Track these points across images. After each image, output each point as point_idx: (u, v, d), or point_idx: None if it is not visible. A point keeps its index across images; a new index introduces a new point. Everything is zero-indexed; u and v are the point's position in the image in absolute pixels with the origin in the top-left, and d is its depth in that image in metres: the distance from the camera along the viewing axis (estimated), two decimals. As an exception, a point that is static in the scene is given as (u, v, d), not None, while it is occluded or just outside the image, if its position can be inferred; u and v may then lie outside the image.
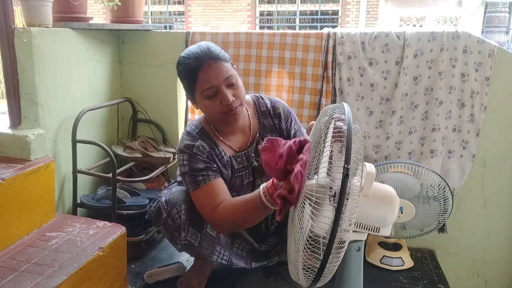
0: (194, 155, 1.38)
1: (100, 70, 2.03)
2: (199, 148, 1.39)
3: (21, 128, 1.62)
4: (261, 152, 1.05)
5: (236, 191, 1.48)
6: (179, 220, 1.39)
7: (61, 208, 1.82)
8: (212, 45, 1.37)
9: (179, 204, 1.40)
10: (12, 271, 1.26)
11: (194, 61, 1.33)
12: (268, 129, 1.52)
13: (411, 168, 1.59)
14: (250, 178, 1.50)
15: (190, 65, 1.33)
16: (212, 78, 1.32)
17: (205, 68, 1.31)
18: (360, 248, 1.24)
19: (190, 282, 1.57)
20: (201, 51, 1.34)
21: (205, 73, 1.31)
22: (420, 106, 1.85)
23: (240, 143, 1.49)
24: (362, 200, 1.14)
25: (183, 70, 1.36)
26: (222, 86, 1.32)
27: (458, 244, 2.01)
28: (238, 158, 1.47)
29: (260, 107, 1.53)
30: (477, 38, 1.78)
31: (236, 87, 1.36)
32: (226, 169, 1.45)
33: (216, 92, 1.33)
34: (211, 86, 1.32)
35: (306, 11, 11.57)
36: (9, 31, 1.55)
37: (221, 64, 1.33)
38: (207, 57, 1.32)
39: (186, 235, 1.37)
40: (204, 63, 1.32)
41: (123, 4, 1.97)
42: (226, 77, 1.33)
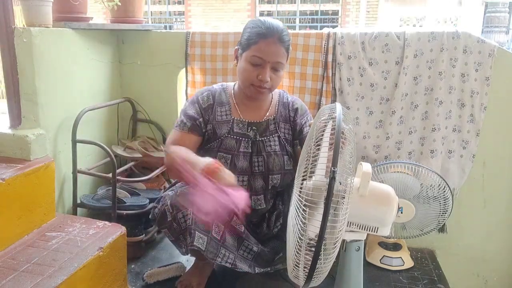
0: (195, 102, 1.53)
1: (100, 70, 2.03)
2: (204, 98, 1.54)
3: (21, 128, 1.62)
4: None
5: (231, 154, 1.52)
6: (184, 224, 1.39)
7: (61, 208, 1.82)
8: (287, 31, 1.45)
9: (185, 208, 1.40)
10: (12, 271, 1.26)
11: (265, 29, 1.40)
12: (283, 118, 1.60)
13: (411, 168, 1.59)
14: (248, 149, 1.53)
15: (260, 29, 1.40)
16: (268, 53, 1.40)
17: (269, 41, 1.39)
18: (360, 248, 1.24)
19: (190, 282, 1.57)
20: (277, 27, 1.41)
21: (266, 45, 1.39)
22: (420, 106, 1.85)
23: (250, 116, 1.56)
24: (359, 200, 1.15)
25: (250, 29, 1.43)
26: (269, 65, 1.41)
27: (458, 244, 2.01)
28: (240, 123, 1.55)
29: (283, 98, 1.63)
30: (477, 38, 1.78)
31: (277, 74, 1.45)
32: (223, 126, 1.53)
33: (260, 65, 1.41)
34: (262, 57, 1.40)
35: (306, 11, 11.58)
36: (9, 31, 1.55)
37: (282, 49, 1.41)
38: (277, 35, 1.40)
39: (192, 240, 1.37)
40: (271, 36, 1.39)
41: (123, 4, 1.97)
42: (277, 61, 1.41)
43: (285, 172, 1.56)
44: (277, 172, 1.55)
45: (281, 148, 1.56)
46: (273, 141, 1.55)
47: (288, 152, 1.58)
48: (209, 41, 2.01)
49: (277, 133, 1.57)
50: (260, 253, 1.53)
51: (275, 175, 1.55)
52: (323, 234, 0.94)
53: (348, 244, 1.23)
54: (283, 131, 1.58)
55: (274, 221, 1.64)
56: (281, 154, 1.55)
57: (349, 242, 1.23)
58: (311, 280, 1.01)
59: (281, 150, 1.56)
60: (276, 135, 1.56)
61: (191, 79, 2.06)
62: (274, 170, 1.54)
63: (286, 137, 1.58)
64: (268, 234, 1.63)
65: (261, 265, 1.52)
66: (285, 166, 1.56)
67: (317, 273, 1.01)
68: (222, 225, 1.45)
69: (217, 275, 1.67)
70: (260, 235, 1.62)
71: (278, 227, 1.64)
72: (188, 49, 2.04)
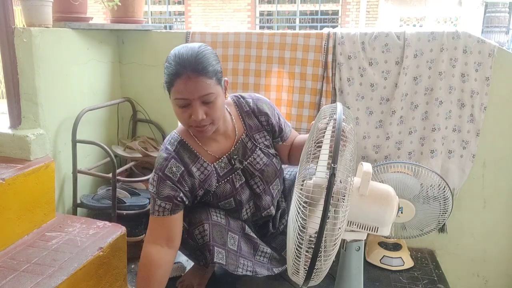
0: (164, 178, 1.33)
1: (100, 70, 2.03)
2: (172, 169, 1.33)
3: (21, 128, 1.62)
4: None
5: (232, 196, 1.45)
6: (201, 241, 1.38)
7: (61, 208, 1.82)
8: (203, 55, 1.25)
9: (201, 225, 1.38)
10: (12, 271, 1.26)
11: (176, 66, 1.24)
12: (254, 129, 1.47)
13: (411, 168, 1.59)
14: (242, 179, 1.46)
15: (171, 69, 1.25)
16: (188, 91, 1.23)
17: (184, 79, 1.22)
18: (360, 248, 1.24)
19: (190, 282, 1.57)
20: (188, 58, 1.24)
21: (182, 84, 1.23)
22: (420, 106, 1.85)
23: (223, 149, 1.44)
24: (359, 199, 1.15)
25: (166, 70, 1.28)
26: (196, 102, 1.25)
27: (458, 244, 2.01)
28: (221, 163, 1.43)
29: (243, 107, 1.47)
30: (477, 38, 1.78)
31: (212, 106, 1.27)
32: (211, 180, 1.40)
33: (188, 104, 1.26)
34: (184, 98, 1.24)
35: (306, 11, 11.57)
36: (9, 31, 1.55)
37: (202, 80, 1.23)
38: (190, 68, 1.22)
39: (212, 257, 1.36)
40: (184, 73, 1.22)
41: (123, 4, 1.97)
42: (202, 94, 1.24)
43: (280, 172, 1.53)
44: (274, 179, 1.51)
45: (267, 156, 1.48)
46: (257, 157, 1.46)
47: (272, 154, 1.51)
48: (209, 41, 2.01)
49: (257, 147, 1.47)
50: (273, 254, 1.53)
51: (274, 182, 1.52)
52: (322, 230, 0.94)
53: (348, 244, 1.23)
54: (261, 141, 1.48)
55: (279, 219, 1.64)
56: (270, 162, 1.48)
57: (349, 242, 1.23)
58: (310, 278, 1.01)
59: (268, 158, 1.48)
60: (257, 149, 1.47)
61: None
62: (271, 179, 1.50)
63: (266, 144, 1.49)
64: (275, 233, 1.64)
65: (277, 265, 1.53)
66: (278, 167, 1.51)
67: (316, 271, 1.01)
68: (236, 236, 1.45)
69: (217, 275, 1.66)
70: (266, 236, 1.62)
71: (284, 224, 1.64)
72: (188, 49, 2.03)
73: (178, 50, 1.28)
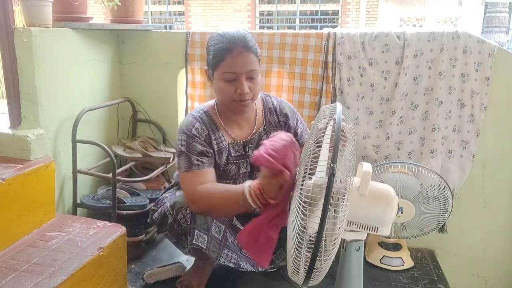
0: (193, 136, 1.41)
1: (100, 70, 2.03)
2: (198, 130, 1.42)
3: (21, 128, 1.62)
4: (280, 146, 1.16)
5: (233, 179, 1.50)
6: (185, 224, 1.40)
7: (61, 208, 1.82)
8: (249, 36, 1.39)
9: (184, 208, 1.40)
10: (12, 271, 1.26)
11: (227, 43, 1.34)
12: (273, 125, 1.55)
13: (411, 168, 1.59)
14: (247, 168, 1.52)
15: (222, 45, 1.35)
16: (238, 65, 1.34)
17: (235, 54, 1.33)
18: (360, 248, 1.24)
19: (190, 282, 1.57)
20: (237, 36, 1.36)
21: (233, 58, 1.33)
22: (420, 106, 1.85)
23: (241, 134, 1.51)
24: (359, 199, 1.15)
25: (213, 47, 1.37)
26: (243, 76, 1.35)
27: (458, 244, 2.01)
28: (236, 146, 1.49)
29: (267, 104, 1.56)
30: (477, 38, 1.78)
31: (255, 82, 1.39)
32: (222, 154, 1.47)
33: (235, 79, 1.36)
34: (233, 72, 1.34)
35: (306, 11, 11.57)
36: (9, 31, 1.55)
37: (251, 56, 1.36)
38: (241, 44, 1.34)
39: (192, 239, 1.38)
40: (236, 48, 1.34)
41: (123, 4, 1.97)
42: (250, 69, 1.36)
43: None
44: None
45: None
46: None
47: None
48: (209, 41, 2.01)
49: None
50: None
51: None
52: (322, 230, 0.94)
53: (348, 244, 1.23)
54: None
55: None
56: None
57: (349, 242, 1.23)
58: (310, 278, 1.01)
59: None
60: None
61: (191, 79, 2.07)
62: None
63: None
64: None
65: None
66: None
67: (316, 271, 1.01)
68: (222, 225, 1.45)
69: (217, 275, 1.66)
70: None
71: None
72: (188, 49, 2.04)
73: (224, 30, 1.39)
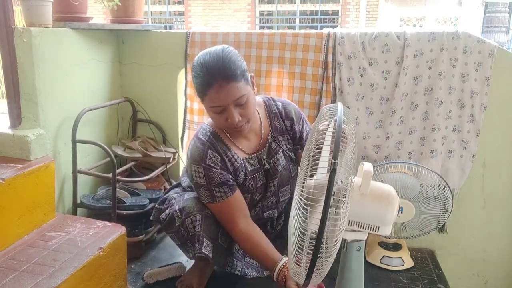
0: (209, 168, 1.37)
1: (100, 70, 2.03)
2: (212, 159, 1.38)
3: (21, 128, 1.62)
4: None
5: (251, 193, 1.48)
6: (193, 230, 1.40)
7: (61, 208, 1.82)
8: (229, 59, 1.28)
9: (193, 214, 1.40)
10: (12, 271, 1.26)
11: (206, 76, 1.28)
12: (279, 131, 1.51)
13: (411, 168, 1.58)
14: (263, 180, 1.50)
15: (201, 79, 1.29)
16: (221, 99, 1.28)
17: (216, 88, 1.26)
18: (361, 248, 1.23)
19: (190, 282, 1.57)
20: (216, 66, 1.27)
21: (215, 93, 1.27)
22: (420, 106, 1.85)
23: (252, 146, 1.48)
24: (360, 199, 1.14)
25: (195, 79, 1.32)
26: (230, 106, 1.29)
27: (458, 244, 2.01)
28: (251, 160, 1.47)
29: (271, 109, 1.52)
30: (477, 38, 1.78)
31: (246, 106, 1.32)
32: (239, 172, 1.44)
33: (223, 110, 1.31)
34: (219, 105, 1.29)
35: (306, 11, 11.57)
36: (9, 31, 1.55)
37: (234, 84, 1.27)
38: (219, 76, 1.26)
39: (200, 247, 1.38)
40: (215, 82, 1.26)
41: (123, 4, 1.97)
42: (236, 98, 1.29)
43: (292, 180, 1.55)
44: (286, 184, 1.54)
45: (286, 160, 1.52)
46: (280, 158, 1.50)
47: (292, 160, 1.54)
48: (209, 41, 2.01)
49: (280, 148, 1.51)
50: None
51: (285, 187, 1.55)
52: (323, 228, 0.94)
53: (349, 244, 1.23)
54: (283, 143, 1.52)
55: (276, 219, 1.64)
56: (287, 166, 1.52)
57: (350, 242, 1.22)
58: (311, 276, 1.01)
59: (287, 162, 1.52)
60: (280, 151, 1.51)
61: (191, 79, 2.06)
62: (284, 183, 1.53)
63: (288, 147, 1.53)
64: (273, 233, 1.64)
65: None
66: (292, 174, 1.54)
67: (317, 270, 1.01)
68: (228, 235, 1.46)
69: (217, 276, 1.66)
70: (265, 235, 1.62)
71: (281, 224, 1.65)
72: (188, 49, 2.04)
73: (203, 58, 1.30)
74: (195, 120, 2.10)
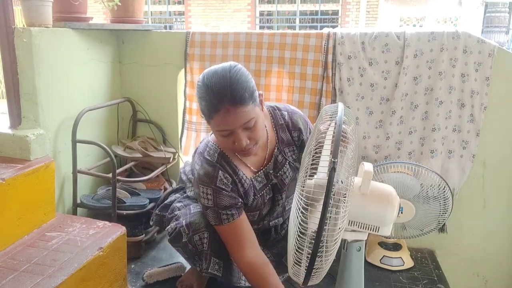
0: (219, 190, 1.32)
1: (100, 70, 2.03)
2: (223, 180, 1.33)
3: (21, 128, 1.62)
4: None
5: (259, 210, 1.46)
6: (201, 247, 1.39)
7: (61, 208, 1.82)
8: (237, 81, 1.21)
9: (201, 231, 1.38)
10: (12, 271, 1.26)
11: (212, 101, 1.20)
12: (286, 143, 1.46)
13: (411, 168, 1.59)
14: (270, 194, 1.47)
15: (207, 103, 1.21)
16: (229, 123, 1.22)
17: (223, 113, 1.19)
18: (361, 248, 1.23)
19: (190, 282, 1.57)
20: (223, 89, 1.19)
21: (222, 118, 1.20)
22: (420, 106, 1.85)
23: (258, 161, 1.44)
24: (360, 199, 1.15)
25: (200, 101, 1.25)
26: (238, 130, 1.23)
27: (458, 244, 2.01)
28: (258, 177, 1.43)
29: (278, 120, 1.45)
30: (477, 38, 1.78)
31: (254, 129, 1.26)
32: (249, 193, 1.41)
33: (230, 133, 1.24)
34: (226, 129, 1.23)
35: (306, 11, 11.57)
36: (9, 31, 1.55)
37: (242, 110, 1.20)
38: (227, 101, 1.18)
39: (208, 266, 1.38)
40: (222, 106, 1.19)
41: (123, 4, 1.97)
42: (243, 122, 1.22)
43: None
44: (292, 194, 1.49)
45: (293, 171, 1.48)
46: (287, 170, 1.46)
47: (298, 169, 1.49)
48: (209, 41, 2.01)
49: (287, 160, 1.46)
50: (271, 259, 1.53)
51: (291, 197, 1.51)
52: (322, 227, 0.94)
53: (349, 245, 1.23)
54: (290, 155, 1.47)
55: (280, 224, 1.64)
56: (295, 176, 1.48)
57: (350, 242, 1.23)
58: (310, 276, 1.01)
59: (293, 172, 1.48)
60: (286, 163, 1.46)
61: (190, 79, 2.06)
62: (290, 194, 1.50)
63: (294, 158, 1.48)
64: (276, 238, 1.63)
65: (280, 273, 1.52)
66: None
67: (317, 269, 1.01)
68: None
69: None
70: (269, 241, 1.62)
71: (285, 229, 1.64)
72: (188, 48, 2.04)
73: (209, 79, 1.22)
74: (194, 120, 2.10)
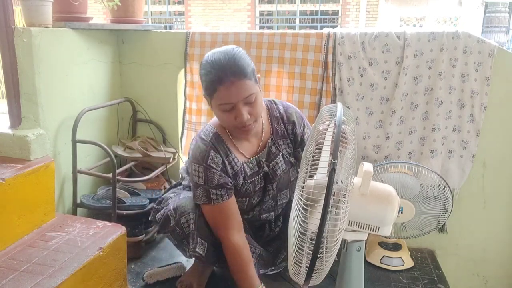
0: (209, 168, 1.36)
1: (100, 70, 2.03)
2: (214, 159, 1.37)
3: (21, 128, 1.62)
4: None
5: (248, 197, 1.48)
6: (188, 229, 1.41)
7: (61, 208, 1.82)
8: (239, 57, 1.29)
9: (187, 213, 1.41)
10: (12, 271, 1.26)
11: (217, 73, 1.26)
12: (280, 135, 1.50)
13: (411, 168, 1.59)
14: (261, 183, 1.49)
15: (212, 76, 1.27)
16: (232, 96, 1.27)
17: (227, 85, 1.25)
18: (361, 248, 1.24)
19: (190, 282, 1.57)
20: (227, 63, 1.26)
21: (226, 89, 1.26)
22: (420, 106, 1.85)
23: (252, 149, 1.47)
24: (360, 199, 1.15)
25: (204, 77, 1.31)
26: (240, 103, 1.28)
27: (458, 244, 2.01)
28: (250, 164, 1.46)
29: (273, 112, 1.50)
30: (477, 38, 1.78)
31: (254, 105, 1.31)
32: (238, 176, 1.43)
33: (232, 108, 1.29)
34: (229, 102, 1.28)
35: (306, 11, 11.57)
36: (9, 31, 1.55)
37: (244, 82, 1.26)
38: (231, 73, 1.25)
39: (194, 246, 1.39)
40: (227, 78, 1.25)
41: (123, 4, 1.97)
42: (246, 96, 1.28)
43: (291, 184, 1.54)
44: (285, 188, 1.53)
45: (286, 164, 1.50)
46: (279, 162, 1.48)
47: (292, 163, 1.52)
48: (209, 41, 2.01)
49: (280, 152, 1.49)
50: (262, 254, 1.54)
51: (283, 191, 1.54)
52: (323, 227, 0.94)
53: (349, 245, 1.23)
54: (283, 147, 1.51)
55: (275, 221, 1.64)
56: (287, 170, 1.50)
57: (350, 243, 1.23)
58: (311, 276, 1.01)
59: (287, 166, 1.50)
60: (280, 155, 1.49)
61: (190, 79, 2.06)
62: (283, 188, 1.52)
63: (288, 152, 1.51)
64: (271, 235, 1.64)
65: (264, 266, 1.54)
66: (291, 178, 1.53)
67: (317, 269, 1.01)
68: None
69: (217, 276, 1.66)
70: (262, 237, 1.62)
71: (279, 226, 1.65)
72: (188, 48, 2.04)
73: (213, 56, 1.29)
74: (194, 120, 2.10)
